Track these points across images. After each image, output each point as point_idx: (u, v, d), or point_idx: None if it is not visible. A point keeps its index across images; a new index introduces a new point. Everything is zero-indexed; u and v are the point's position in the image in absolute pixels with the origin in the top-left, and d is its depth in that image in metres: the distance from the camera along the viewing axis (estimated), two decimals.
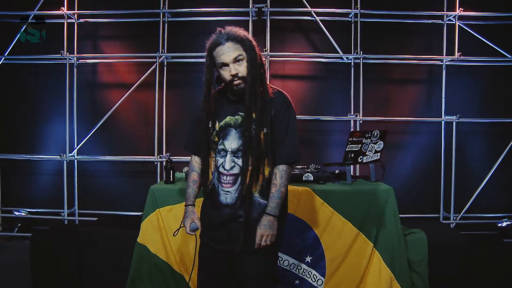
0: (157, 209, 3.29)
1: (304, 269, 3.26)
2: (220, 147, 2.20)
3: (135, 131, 5.17)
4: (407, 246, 3.32)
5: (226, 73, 2.11)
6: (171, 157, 4.03)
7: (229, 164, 2.18)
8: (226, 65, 2.10)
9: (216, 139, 2.21)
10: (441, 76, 4.86)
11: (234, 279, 2.31)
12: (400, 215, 4.72)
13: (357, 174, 4.69)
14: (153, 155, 4.85)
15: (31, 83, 5.18)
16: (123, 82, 5.07)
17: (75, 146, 4.95)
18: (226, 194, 2.19)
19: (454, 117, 4.72)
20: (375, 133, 3.40)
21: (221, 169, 2.19)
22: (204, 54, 2.15)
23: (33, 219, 5.10)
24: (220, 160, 2.20)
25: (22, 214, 5.04)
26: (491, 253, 3.52)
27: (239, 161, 2.16)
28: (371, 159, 3.50)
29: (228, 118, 2.20)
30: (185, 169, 3.60)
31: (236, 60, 2.09)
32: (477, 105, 4.97)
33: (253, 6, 4.71)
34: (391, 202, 3.28)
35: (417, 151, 5.04)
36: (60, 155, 4.84)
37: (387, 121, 4.86)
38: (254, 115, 2.12)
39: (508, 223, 4.74)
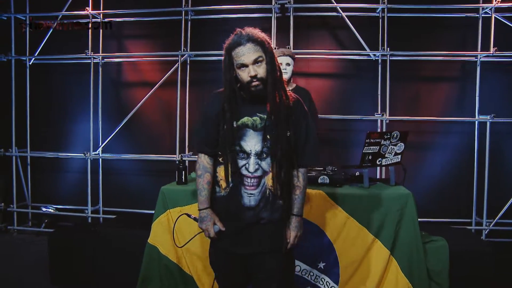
0: (168, 210, 3.25)
1: (316, 275, 3.13)
2: (237, 148, 2.16)
3: (159, 130, 5.20)
4: (426, 254, 3.12)
5: (244, 74, 2.09)
6: (184, 158, 4.02)
7: (253, 166, 2.15)
8: (246, 66, 2.08)
9: (231, 140, 2.17)
10: (475, 73, 4.57)
11: (251, 277, 2.34)
12: (428, 219, 4.60)
13: (383, 176, 4.52)
14: (176, 154, 4.83)
15: (60, 83, 5.32)
16: (147, 80, 5.10)
17: (100, 144, 5.02)
18: (250, 196, 2.17)
19: (488, 116, 4.44)
20: (395, 134, 3.21)
21: (244, 172, 2.16)
22: None
23: (60, 216, 5.21)
24: (242, 162, 2.17)
25: (50, 210, 5.17)
26: None
27: (263, 164, 2.16)
28: (390, 162, 3.32)
29: (245, 119, 2.16)
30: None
31: (256, 61, 2.08)
32: None
33: (276, 3, 4.60)
34: (410, 208, 3.08)
35: (448, 152, 4.79)
36: (84, 153, 4.91)
37: (416, 121, 4.63)
38: (277, 118, 2.13)
39: None
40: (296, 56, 4.71)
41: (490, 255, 3.26)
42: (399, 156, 3.36)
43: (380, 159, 3.25)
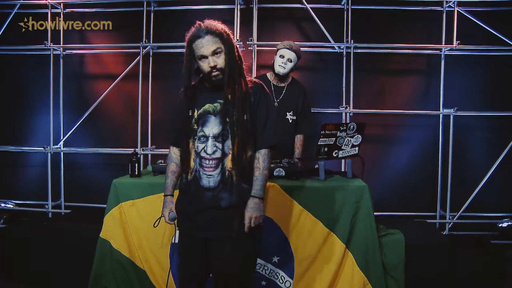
0: (120, 204, 3.18)
1: (271, 269, 3.08)
2: (200, 133, 2.27)
3: (122, 123, 5.07)
4: (382, 248, 3.10)
5: (205, 65, 2.20)
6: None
7: (211, 148, 2.24)
8: (205, 57, 2.19)
9: (195, 127, 2.28)
10: (440, 67, 4.56)
11: (210, 265, 2.37)
12: (393, 213, 4.59)
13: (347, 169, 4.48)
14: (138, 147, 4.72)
15: (19, 74, 5.13)
16: (111, 73, 4.96)
17: (61, 138, 4.89)
18: (208, 178, 2.25)
19: (452, 110, 4.43)
20: (351, 126, 3.17)
21: (202, 154, 2.26)
22: None
23: (21, 211, 5.06)
24: (201, 146, 2.27)
25: (9, 206, 5.01)
26: (474, 256, 3.29)
27: (221, 146, 2.24)
28: (347, 154, 3.28)
29: (207, 106, 2.28)
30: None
31: (215, 52, 2.18)
32: (479, 97, 4.66)
33: None
34: (366, 200, 3.04)
35: (413, 146, 4.76)
36: (44, 147, 4.77)
37: (381, 114, 4.61)
38: (234, 103, 2.23)
39: (509, 223, 4.43)
40: (259, 48, 4.66)
41: (446, 248, 3.26)
42: (357, 148, 3.32)
43: (336, 151, 3.21)
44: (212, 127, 2.25)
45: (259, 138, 2.31)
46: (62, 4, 4.83)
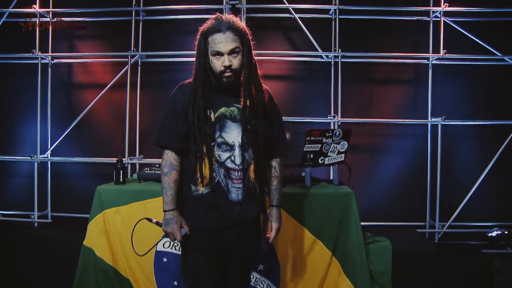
0: (104, 211, 3.13)
1: (256, 278, 3.04)
2: (219, 140, 2.06)
3: (111, 133, 5.03)
4: (369, 255, 3.06)
5: (218, 62, 2.00)
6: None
7: (239, 158, 2.06)
8: (221, 54, 1.99)
9: (212, 131, 2.06)
10: (427, 76, 4.60)
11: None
12: (382, 223, 4.56)
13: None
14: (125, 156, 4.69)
15: (7, 83, 5.10)
16: (99, 82, 4.93)
17: (49, 147, 4.85)
18: (237, 191, 2.08)
19: (439, 119, 4.44)
20: (337, 133, 3.16)
21: (229, 164, 2.07)
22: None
23: (6, 222, 4.98)
24: (225, 155, 2.07)
25: None
26: (462, 265, 3.25)
27: (246, 155, 2.08)
28: (333, 161, 3.26)
29: (223, 109, 2.07)
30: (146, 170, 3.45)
31: (233, 51, 1.99)
32: (467, 106, 4.69)
33: (227, 3, 4.54)
34: (352, 207, 3.02)
35: (402, 155, 4.77)
36: (30, 156, 4.72)
37: (369, 123, 4.61)
38: (255, 110, 2.08)
39: (498, 232, 4.42)
40: None
41: (435, 257, 3.23)
42: (343, 155, 3.30)
43: (322, 157, 3.19)
44: (237, 135, 2.06)
45: (275, 146, 2.25)
46: (51, 13, 4.81)
